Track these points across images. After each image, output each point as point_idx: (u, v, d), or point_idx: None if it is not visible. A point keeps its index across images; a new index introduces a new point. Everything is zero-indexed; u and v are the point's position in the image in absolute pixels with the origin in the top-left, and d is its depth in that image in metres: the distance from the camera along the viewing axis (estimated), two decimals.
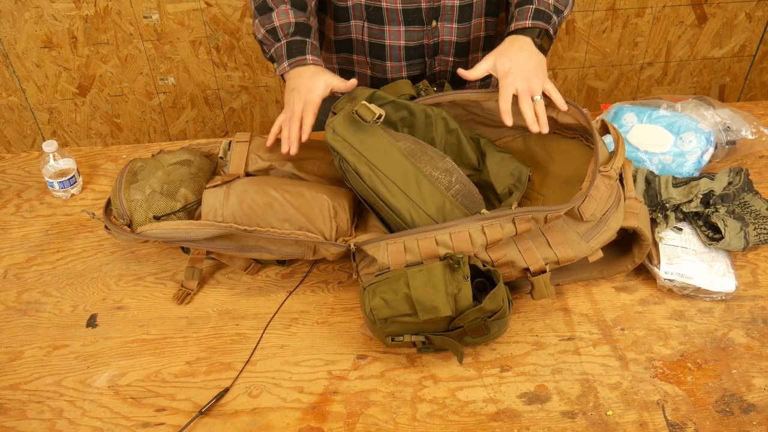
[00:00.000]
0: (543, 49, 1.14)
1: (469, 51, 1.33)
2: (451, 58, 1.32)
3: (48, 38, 2.22)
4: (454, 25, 1.26)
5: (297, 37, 1.16)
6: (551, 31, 1.16)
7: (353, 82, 1.11)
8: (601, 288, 1.11)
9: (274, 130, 1.13)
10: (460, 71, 1.13)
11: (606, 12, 2.31)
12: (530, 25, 1.14)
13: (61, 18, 2.18)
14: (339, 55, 1.35)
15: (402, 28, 1.26)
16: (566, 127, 1.15)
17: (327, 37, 1.35)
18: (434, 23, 1.25)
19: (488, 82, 1.41)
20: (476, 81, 1.21)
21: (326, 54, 1.37)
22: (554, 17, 1.18)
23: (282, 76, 1.17)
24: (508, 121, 1.08)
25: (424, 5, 1.22)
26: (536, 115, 1.08)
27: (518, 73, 1.09)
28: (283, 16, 1.18)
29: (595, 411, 0.94)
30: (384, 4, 1.21)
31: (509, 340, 1.04)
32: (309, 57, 1.14)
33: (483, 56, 1.33)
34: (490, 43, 1.33)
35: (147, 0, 2.17)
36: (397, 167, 1.02)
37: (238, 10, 2.22)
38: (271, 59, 1.19)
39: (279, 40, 1.17)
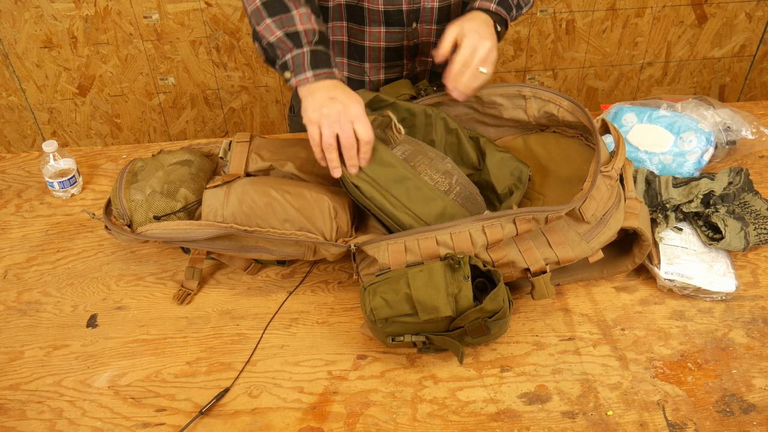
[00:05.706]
0: (498, 36, 1.16)
1: None
2: (430, 59, 1.32)
3: (48, 38, 2.22)
4: (434, 27, 1.26)
5: (321, 47, 1.07)
6: (508, 22, 1.18)
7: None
8: (601, 288, 1.11)
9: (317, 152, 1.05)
10: (434, 52, 1.14)
11: (606, 12, 2.31)
12: (494, 9, 1.15)
13: (61, 18, 2.18)
14: None
15: (383, 30, 1.25)
16: (566, 125, 1.15)
17: None
18: (414, 25, 1.25)
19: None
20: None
21: None
22: (514, 11, 1.19)
23: (295, 86, 1.06)
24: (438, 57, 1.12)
25: (405, 7, 1.22)
26: (466, 84, 1.10)
27: (474, 33, 1.10)
28: (306, 21, 1.07)
29: (596, 411, 0.94)
30: (366, 5, 1.21)
31: (509, 341, 1.04)
32: (336, 71, 1.06)
33: None
34: None
35: (147, 0, 2.17)
36: (396, 178, 1.01)
37: (238, 10, 2.21)
38: (283, 66, 1.07)
39: (301, 47, 1.06)
